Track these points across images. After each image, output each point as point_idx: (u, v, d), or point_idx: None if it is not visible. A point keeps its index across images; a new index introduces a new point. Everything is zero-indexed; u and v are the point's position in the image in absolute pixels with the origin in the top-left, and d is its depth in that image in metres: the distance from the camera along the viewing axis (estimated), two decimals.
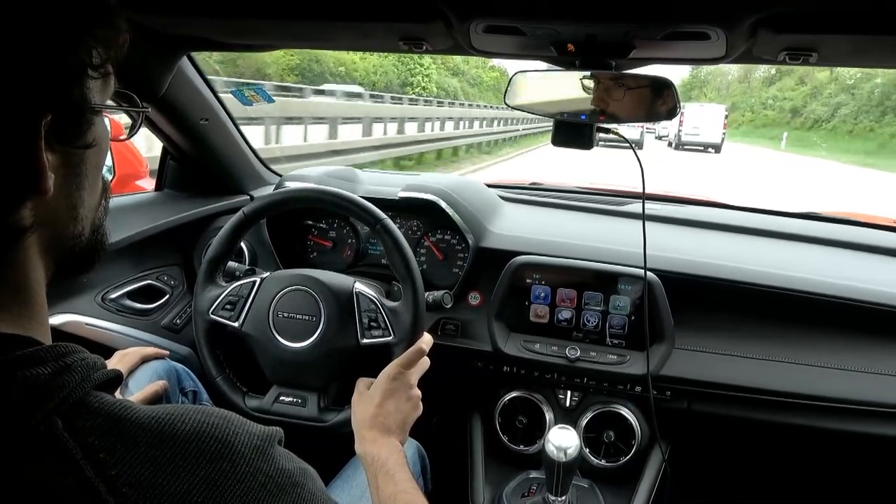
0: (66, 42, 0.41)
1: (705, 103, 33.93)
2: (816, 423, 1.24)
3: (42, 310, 0.46)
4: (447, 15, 0.89)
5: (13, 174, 0.40)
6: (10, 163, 0.40)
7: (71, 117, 0.43)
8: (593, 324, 1.32)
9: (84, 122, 0.44)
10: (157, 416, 0.41)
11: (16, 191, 0.41)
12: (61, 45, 0.41)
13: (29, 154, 0.40)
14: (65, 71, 0.41)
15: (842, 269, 1.35)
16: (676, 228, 1.57)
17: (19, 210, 0.41)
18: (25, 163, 0.40)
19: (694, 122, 25.57)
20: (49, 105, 0.40)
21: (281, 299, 1.12)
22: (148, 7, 1.00)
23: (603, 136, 1.11)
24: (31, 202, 0.42)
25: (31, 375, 0.39)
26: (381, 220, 1.11)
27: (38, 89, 0.40)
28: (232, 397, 1.14)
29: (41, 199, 0.42)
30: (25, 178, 0.41)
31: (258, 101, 1.57)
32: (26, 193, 0.41)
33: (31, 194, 0.41)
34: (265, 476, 0.43)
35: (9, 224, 0.41)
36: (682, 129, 25.73)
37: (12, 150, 0.40)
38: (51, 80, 0.40)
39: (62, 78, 0.41)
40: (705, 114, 25.92)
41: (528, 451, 1.38)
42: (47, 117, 0.40)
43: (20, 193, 0.41)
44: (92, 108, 0.44)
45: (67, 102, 0.42)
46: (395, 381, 0.97)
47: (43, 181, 0.41)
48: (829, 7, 0.78)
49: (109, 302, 1.35)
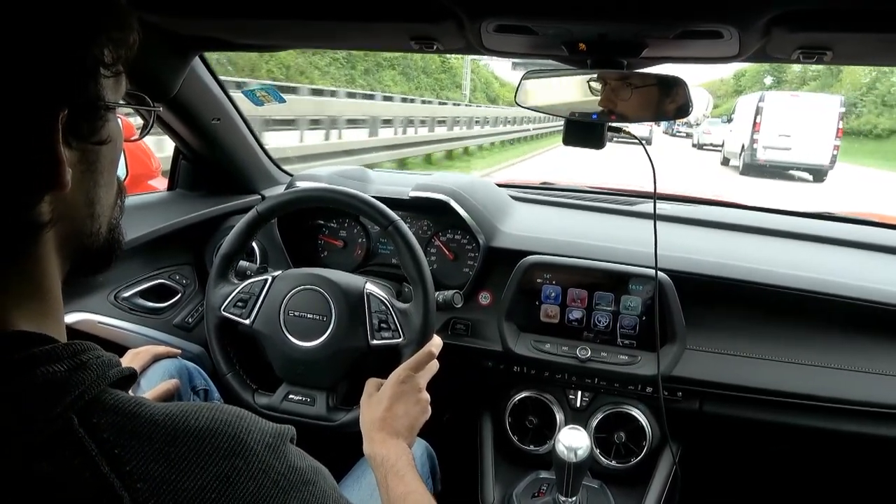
0: (82, 39, 0.42)
1: (802, 93, 20.73)
2: (830, 425, 1.23)
3: (58, 307, 0.47)
4: (458, 14, 0.89)
5: (32, 168, 0.41)
6: (30, 157, 0.40)
7: (86, 113, 0.44)
8: (604, 324, 1.31)
9: (99, 119, 0.45)
10: (171, 412, 0.41)
11: (35, 185, 0.41)
12: (77, 41, 0.41)
13: (47, 148, 0.41)
14: (80, 67, 0.42)
15: (855, 269, 1.34)
16: (688, 228, 1.56)
17: (39, 205, 0.42)
18: (44, 157, 0.41)
19: (782, 124, 14.17)
20: (65, 100, 0.41)
21: (292, 298, 1.12)
22: (160, 8, 1.01)
23: (616, 134, 1.10)
24: (50, 197, 0.43)
25: (48, 372, 0.39)
26: (393, 221, 1.11)
27: (55, 84, 0.41)
28: (242, 394, 1.15)
29: (59, 193, 0.43)
30: (44, 172, 0.41)
31: (269, 101, 1.58)
32: (45, 188, 0.42)
33: (50, 189, 0.42)
34: (277, 474, 0.43)
35: (29, 219, 0.42)
36: (758, 138, 14.39)
37: (31, 144, 0.40)
38: (67, 75, 0.41)
39: (78, 74, 0.42)
40: (804, 111, 14.43)
41: (538, 452, 1.38)
42: (64, 112, 0.41)
43: (39, 187, 0.42)
44: (106, 105, 0.45)
45: (83, 98, 0.43)
46: (405, 384, 0.97)
47: (61, 175, 0.42)
48: (844, 5, 0.78)
49: (122, 301, 1.36)
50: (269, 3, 0.97)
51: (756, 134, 14.45)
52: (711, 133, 21.24)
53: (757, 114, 14.60)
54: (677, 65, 1.10)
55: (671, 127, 31.65)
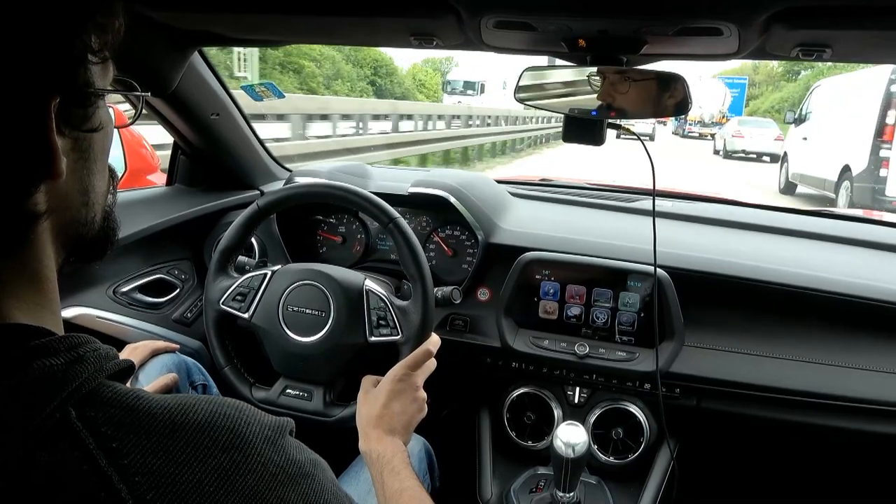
0: (70, 25, 0.41)
1: None
2: (829, 422, 1.23)
3: (55, 299, 0.47)
4: (458, 10, 0.88)
5: (26, 157, 0.41)
6: (23, 146, 0.40)
7: (77, 100, 0.43)
8: (602, 320, 1.31)
9: (90, 106, 0.45)
10: (169, 405, 0.41)
11: (30, 174, 0.41)
12: (65, 27, 0.41)
13: (41, 136, 0.41)
14: (70, 53, 0.42)
15: (854, 266, 1.34)
16: (687, 225, 1.56)
17: (34, 194, 0.42)
18: (38, 145, 0.41)
19: None
20: (57, 87, 0.41)
21: (291, 293, 1.12)
22: (160, 2, 1.01)
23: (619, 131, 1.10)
24: (45, 186, 0.43)
25: (45, 366, 0.39)
26: (394, 218, 1.11)
27: (46, 71, 0.40)
28: (239, 387, 1.15)
29: (54, 182, 0.43)
30: (39, 161, 0.41)
31: (268, 96, 1.58)
32: (40, 177, 0.42)
33: (45, 178, 0.42)
34: (276, 467, 0.43)
35: (25, 209, 0.42)
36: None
37: (25, 133, 0.40)
38: (57, 62, 0.41)
39: (68, 60, 0.42)
40: None
41: (536, 448, 1.38)
42: (56, 99, 0.41)
43: (34, 177, 0.41)
44: (95, 91, 0.45)
45: (74, 85, 0.43)
46: (401, 382, 0.97)
47: (56, 164, 0.42)
48: (843, 1, 0.77)
49: (121, 295, 1.36)
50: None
51: (889, 147, 7.45)
52: (746, 137, 16.30)
53: (890, 107, 7.55)
54: (677, 61, 1.10)
55: (681, 126, 28.80)
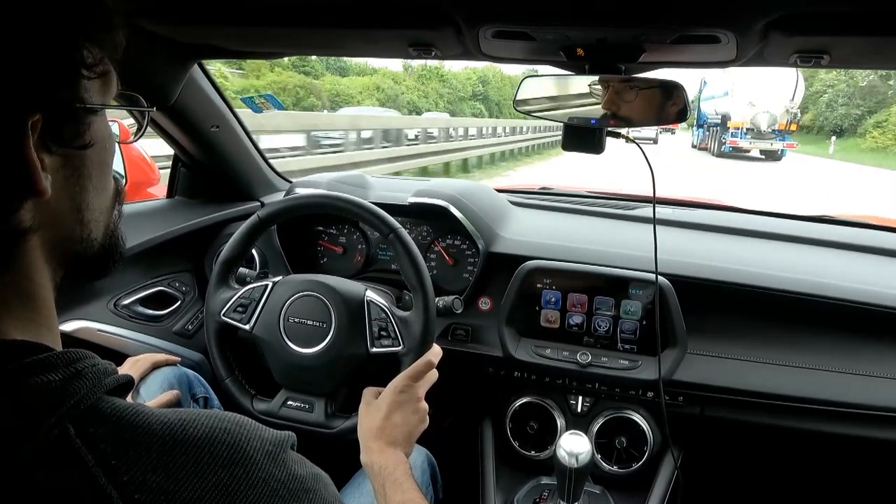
0: (54, 41, 0.41)
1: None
2: (833, 428, 1.22)
3: (51, 315, 0.46)
4: (457, 21, 0.89)
5: (4, 175, 0.40)
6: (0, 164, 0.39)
7: (65, 117, 0.43)
8: (604, 329, 1.31)
9: (81, 123, 0.44)
10: (169, 421, 0.41)
11: (10, 192, 0.40)
12: (48, 44, 0.40)
13: (17, 154, 0.40)
14: (53, 71, 0.41)
15: (856, 272, 1.33)
16: (688, 232, 1.56)
17: (18, 211, 0.41)
18: (15, 163, 0.40)
19: None
20: (36, 105, 0.40)
21: (292, 304, 1.12)
22: (160, 16, 1.01)
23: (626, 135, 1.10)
24: (32, 203, 0.42)
25: (42, 382, 0.39)
26: (394, 229, 1.11)
27: (22, 89, 0.39)
28: (240, 399, 1.15)
29: (41, 199, 0.42)
30: (18, 179, 0.40)
31: (268, 108, 1.59)
32: (21, 194, 0.41)
33: (28, 195, 0.41)
34: (277, 482, 0.43)
35: (8, 226, 0.41)
36: None
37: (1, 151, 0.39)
38: (37, 80, 0.40)
39: (49, 78, 0.41)
40: None
41: (539, 457, 1.37)
42: (34, 117, 0.40)
43: (15, 194, 0.41)
44: (87, 108, 0.44)
45: (57, 102, 0.42)
46: (403, 393, 0.97)
47: (38, 182, 0.41)
48: (841, 8, 0.78)
49: (121, 308, 1.36)
50: (268, 11, 0.98)
51: None
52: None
53: None
54: (674, 70, 1.11)
55: (713, 138, 22.33)
